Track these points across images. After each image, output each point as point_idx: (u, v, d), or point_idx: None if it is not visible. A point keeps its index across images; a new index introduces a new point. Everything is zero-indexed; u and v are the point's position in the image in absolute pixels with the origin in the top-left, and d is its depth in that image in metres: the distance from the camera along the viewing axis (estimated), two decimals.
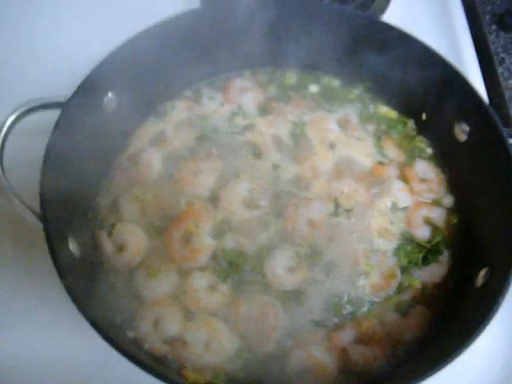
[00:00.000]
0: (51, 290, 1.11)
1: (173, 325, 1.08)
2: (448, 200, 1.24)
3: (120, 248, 1.16)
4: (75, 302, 0.91)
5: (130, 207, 1.20)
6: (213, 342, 1.07)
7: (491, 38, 1.64)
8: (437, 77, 1.22)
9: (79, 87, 1.11)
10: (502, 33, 1.66)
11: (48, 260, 0.95)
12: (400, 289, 1.14)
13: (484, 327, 0.93)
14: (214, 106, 1.34)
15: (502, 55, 1.61)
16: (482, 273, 1.07)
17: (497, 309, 0.94)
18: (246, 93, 1.35)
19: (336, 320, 1.10)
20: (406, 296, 1.13)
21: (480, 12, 1.68)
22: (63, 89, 1.12)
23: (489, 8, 1.71)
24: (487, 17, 1.69)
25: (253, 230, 1.18)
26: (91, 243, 1.15)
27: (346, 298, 1.12)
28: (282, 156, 1.26)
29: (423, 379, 0.89)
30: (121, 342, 0.93)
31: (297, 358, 1.06)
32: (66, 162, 1.08)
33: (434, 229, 1.20)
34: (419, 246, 1.18)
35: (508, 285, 0.96)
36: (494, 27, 1.66)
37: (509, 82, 1.55)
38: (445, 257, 1.17)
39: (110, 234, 1.17)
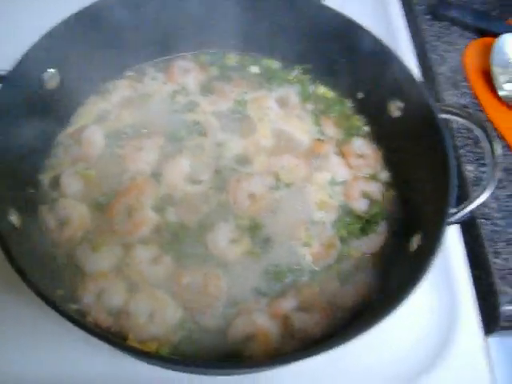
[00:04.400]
0: None
1: (116, 296, 1.09)
2: (384, 174, 1.28)
3: (62, 223, 1.15)
4: (17, 270, 0.90)
5: (73, 183, 1.20)
6: (156, 312, 1.08)
7: (425, 26, 1.70)
8: (372, 57, 1.26)
9: (20, 61, 1.11)
10: (435, 22, 1.71)
11: None
12: (340, 258, 1.17)
13: (414, 287, 0.95)
14: (156, 86, 1.35)
15: (435, 43, 1.67)
16: (415, 238, 1.12)
17: (427, 268, 0.97)
18: (188, 73, 1.37)
19: (278, 289, 1.12)
20: (346, 265, 1.17)
21: (414, 2, 1.75)
22: (3, 62, 1.12)
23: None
24: (421, 7, 1.74)
25: (195, 204, 1.20)
26: (34, 217, 1.15)
27: (287, 268, 1.15)
28: (224, 133, 1.29)
29: (353, 338, 0.91)
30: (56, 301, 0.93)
31: (240, 325, 1.08)
32: (5, 137, 1.08)
33: (372, 201, 1.24)
34: (357, 217, 1.22)
35: (438, 245, 1.00)
36: (427, 17, 1.72)
37: (441, 67, 1.61)
38: (382, 227, 1.21)
39: (51, 209, 1.17)
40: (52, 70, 1.19)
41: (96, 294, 1.09)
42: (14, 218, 1.04)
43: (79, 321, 0.90)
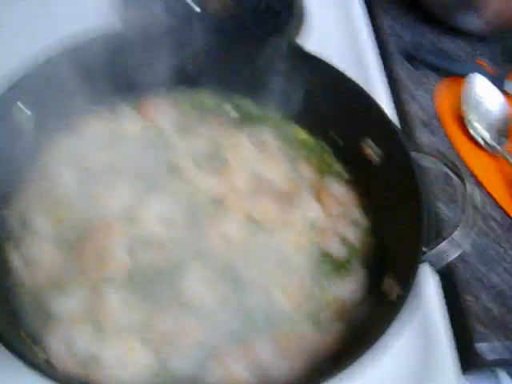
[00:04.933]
0: None
1: (85, 343, 1.03)
2: (362, 221, 1.27)
3: (28, 263, 1.10)
4: None
5: (40, 221, 1.14)
6: (128, 360, 1.03)
7: (398, 67, 1.72)
8: (351, 104, 1.27)
9: None
10: (406, 62, 1.74)
11: None
12: (316, 303, 1.14)
13: (383, 334, 0.94)
14: (129, 123, 1.32)
15: (406, 82, 1.69)
16: (389, 280, 1.11)
17: (400, 309, 0.97)
18: (161, 110, 1.34)
19: (254, 335, 1.08)
20: (323, 311, 1.14)
21: (388, 44, 1.78)
22: None
23: (396, 39, 1.81)
24: (394, 47, 1.78)
25: (168, 245, 1.15)
26: None
27: (263, 313, 1.10)
28: (198, 173, 1.25)
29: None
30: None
31: (214, 374, 1.03)
32: None
33: (349, 246, 1.23)
34: (333, 262, 1.20)
35: (409, 290, 0.99)
36: (400, 57, 1.75)
37: (412, 105, 1.63)
38: (358, 272, 1.19)
39: (17, 247, 1.11)
40: (20, 104, 1.15)
41: (64, 340, 1.03)
42: None
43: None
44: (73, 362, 1.01)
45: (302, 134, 1.37)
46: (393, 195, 1.21)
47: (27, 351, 0.98)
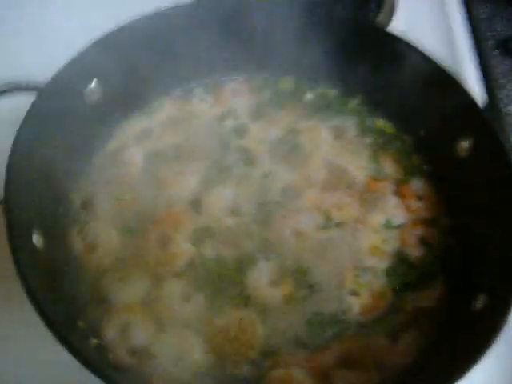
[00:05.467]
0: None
1: (141, 334, 0.99)
2: (445, 220, 1.16)
3: (91, 248, 1.07)
4: (30, 295, 0.82)
5: (105, 206, 1.12)
6: (183, 356, 0.98)
7: (493, 62, 1.59)
8: (438, 92, 1.15)
9: (60, 72, 1.04)
10: (504, 58, 1.60)
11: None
12: (390, 311, 1.05)
13: (478, 357, 0.83)
14: (204, 107, 1.27)
15: (502, 81, 1.56)
16: (479, 298, 0.98)
17: (494, 338, 0.85)
18: (239, 96, 1.28)
19: (319, 341, 1.01)
20: (397, 319, 1.04)
21: (483, 36, 1.64)
22: (43, 74, 1.05)
23: (492, 33, 1.66)
24: (490, 42, 1.64)
25: (235, 238, 1.09)
26: (60, 240, 1.06)
27: (331, 318, 1.03)
28: (272, 163, 1.19)
29: None
30: (82, 348, 0.85)
31: (275, 379, 0.97)
32: (37, 152, 1.00)
33: (429, 249, 1.12)
34: (413, 266, 1.10)
35: (508, 312, 0.88)
36: (496, 52, 1.61)
37: (508, 108, 1.50)
38: (439, 279, 1.09)
39: (81, 231, 1.09)
40: (93, 84, 1.12)
41: (120, 328, 1.00)
42: (36, 239, 0.95)
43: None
44: (126, 350, 0.98)
45: (382, 123, 1.27)
46: (481, 191, 1.09)
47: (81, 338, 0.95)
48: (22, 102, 1.01)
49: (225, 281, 1.05)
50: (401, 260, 1.10)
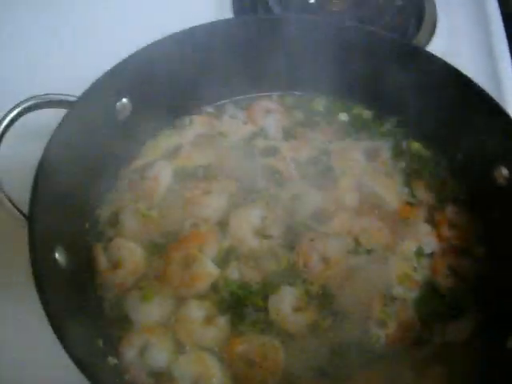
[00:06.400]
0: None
1: (161, 356, 0.98)
2: (479, 250, 1.12)
3: (115, 264, 1.06)
4: (48, 315, 0.81)
5: (132, 222, 1.11)
6: (202, 380, 0.96)
7: None
8: (478, 116, 1.11)
9: (91, 87, 1.04)
10: None
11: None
12: (418, 344, 1.01)
13: None
14: (234, 125, 1.25)
15: None
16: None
17: None
18: (271, 114, 1.26)
19: (343, 371, 0.98)
20: (424, 352, 1.01)
21: None
22: (74, 88, 1.04)
23: None
24: None
25: (261, 261, 1.07)
26: (84, 256, 1.06)
27: (356, 348, 1.00)
28: (302, 185, 1.16)
29: None
30: (98, 370, 0.84)
31: None
32: (65, 167, 1.00)
33: (462, 280, 1.08)
34: (443, 297, 1.06)
35: None
36: None
37: None
38: (472, 312, 1.04)
39: (106, 248, 1.08)
40: (125, 100, 1.11)
41: (139, 349, 0.98)
42: (60, 255, 0.95)
43: None
44: (143, 371, 0.97)
45: (417, 146, 1.24)
46: None
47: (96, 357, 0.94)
48: (52, 117, 1.01)
49: (248, 305, 1.03)
50: (431, 290, 1.07)
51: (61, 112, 1.01)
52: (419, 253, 1.10)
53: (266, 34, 1.20)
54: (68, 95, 1.05)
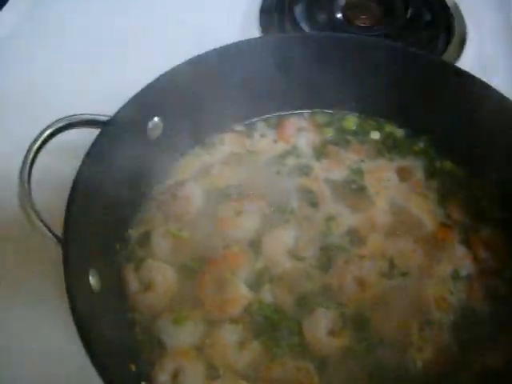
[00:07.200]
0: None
1: (193, 380, 0.96)
2: None
3: (146, 286, 1.05)
4: (85, 343, 0.80)
5: (163, 243, 1.09)
6: None
7: None
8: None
9: (123, 107, 1.03)
10: None
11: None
12: (457, 369, 0.99)
13: None
14: (266, 143, 1.24)
15: None
16: None
17: None
18: (302, 133, 1.25)
19: None
20: (462, 378, 0.98)
21: None
22: (106, 109, 1.04)
23: None
24: None
25: (295, 283, 1.05)
26: (115, 278, 1.04)
27: (392, 373, 0.98)
28: (335, 205, 1.15)
29: None
30: None
31: None
32: (97, 187, 0.98)
33: (500, 303, 1.05)
34: (481, 321, 1.03)
35: None
36: None
37: None
38: (509, 336, 1.02)
39: (137, 269, 1.06)
40: (156, 119, 1.10)
41: (172, 373, 0.97)
42: (93, 281, 0.93)
43: None
44: None
45: (451, 166, 1.22)
46: None
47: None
48: (85, 137, 1.00)
49: (282, 328, 1.01)
50: (468, 314, 1.04)
51: (93, 133, 1.00)
52: (455, 275, 1.08)
53: (294, 51, 1.19)
54: (99, 115, 1.04)
